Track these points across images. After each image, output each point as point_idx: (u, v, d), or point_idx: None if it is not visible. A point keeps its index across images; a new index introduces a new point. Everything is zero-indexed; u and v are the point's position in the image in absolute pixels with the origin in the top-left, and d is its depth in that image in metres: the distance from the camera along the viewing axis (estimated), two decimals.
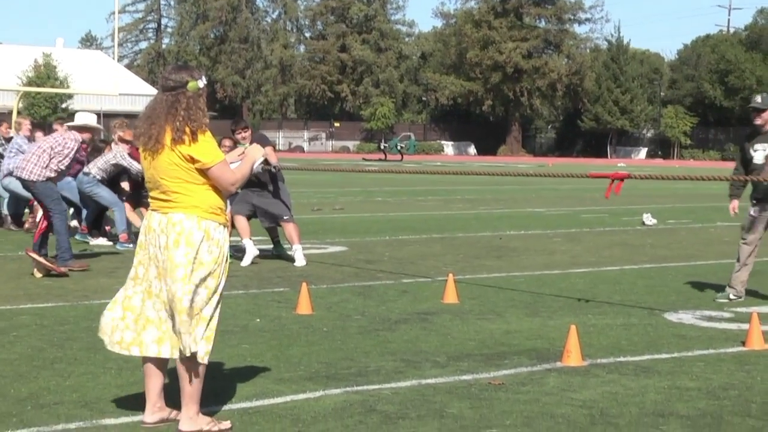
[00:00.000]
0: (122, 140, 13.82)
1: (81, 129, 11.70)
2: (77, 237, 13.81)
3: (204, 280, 5.09)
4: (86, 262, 11.44)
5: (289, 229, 12.08)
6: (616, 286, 10.62)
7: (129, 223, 13.71)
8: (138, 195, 13.79)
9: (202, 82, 5.19)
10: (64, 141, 11.35)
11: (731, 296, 9.66)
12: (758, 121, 9.51)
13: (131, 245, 13.11)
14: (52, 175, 11.21)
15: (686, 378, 6.49)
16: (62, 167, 11.32)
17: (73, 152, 11.38)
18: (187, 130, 5.04)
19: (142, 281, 5.21)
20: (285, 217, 12.11)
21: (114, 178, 13.92)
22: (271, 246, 12.84)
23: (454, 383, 6.25)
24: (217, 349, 6.51)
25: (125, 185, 13.98)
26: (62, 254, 11.11)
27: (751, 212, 9.66)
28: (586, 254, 13.54)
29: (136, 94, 75.04)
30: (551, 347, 7.33)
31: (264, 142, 11.72)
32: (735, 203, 9.87)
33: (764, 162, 9.45)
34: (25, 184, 11.34)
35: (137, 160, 13.55)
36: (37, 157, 11.23)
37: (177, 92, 5.13)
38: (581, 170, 49.83)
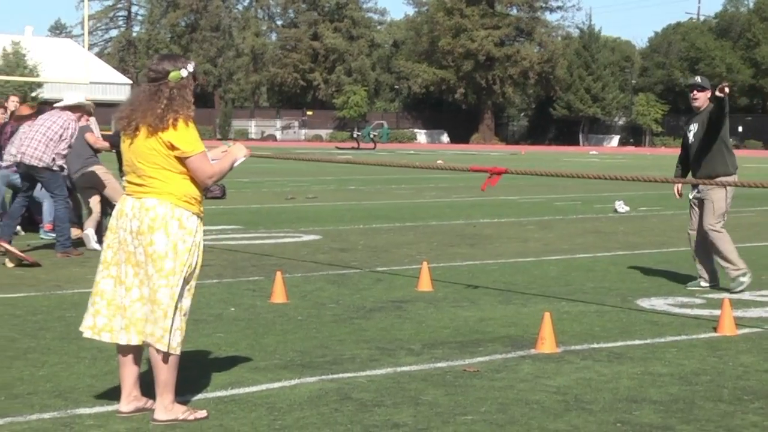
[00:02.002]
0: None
1: (74, 108, 11.73)
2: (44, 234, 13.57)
3: (181, 270, 5.09)
4: (81, 250, 11.64)
5: None
6: (589, 273, 10.67)
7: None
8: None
9: (185, 71, 5.16)
10: (64, 122, 11.41)
11: (702, 284, 9.68)
12: (696, 102, 9.63)
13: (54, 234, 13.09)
14: (61, 161, 11.37)
15: (659, 364, 6.55)
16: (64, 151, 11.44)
17: (76, 132, 11.55)
18: (169, 118, 5.04)
19: (110, 265, 5.19)
20: None
21: None
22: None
23: (428, 371, 6.27)
24: (191, 338, 6.52)
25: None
26: (64, 241, 11.36)
27: (691, 196, 9.75)
28: (559, 242, 13.59)
29: (106, 82, 74.55)
30: (525, 334, 7.36)
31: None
32: (679, 185, 10.03)
33: (694, 140, 9.57)
34: (32, 170, 11.38)
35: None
36: (37, 141, 11.28)
37: (159, 83, 5.12)
38: (553, 158, 49.92)
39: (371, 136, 64.92)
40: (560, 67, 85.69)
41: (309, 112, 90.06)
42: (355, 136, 65.36)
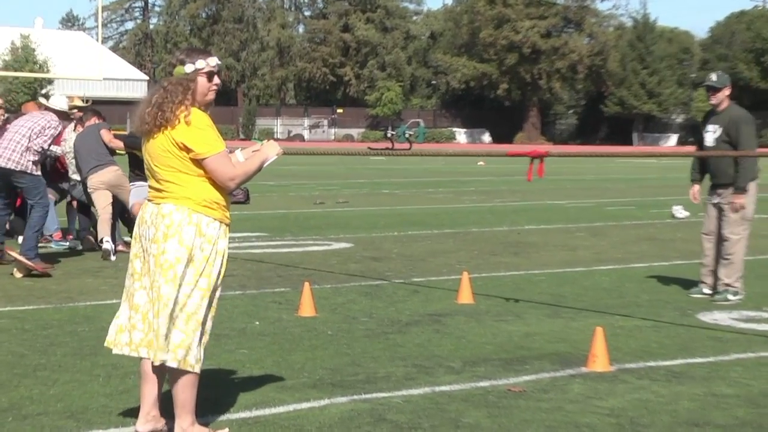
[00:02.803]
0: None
1: (59, 114, 11.60)
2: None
3: (196, 280, 5.09)
4: (51, 265, 11.29)
5: None
6: (645, 284, 10.62)
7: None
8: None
9: (191, 66, 5.18)
10: (47, 123, 11.26)
11: (705, 291, 9.83)
12: (713, 101, 9.88)
13: (68, 243, 13.08)
14: (35, 158, 11.14)
15: (723, 384, 6.49)
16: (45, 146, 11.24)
17: (56, 132, 11.35)
18: (167, 117, 5.07)
19: (141, 276, 5.20)
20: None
21: (53, 172, 13.54)
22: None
23: (470, 390, 6.25)
24: (213, 354, 6.53)
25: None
26: (27, 251, 10.91)
27: (713, 201, 9.90)
28: (612, 250, 13.53)
29: (121, 78, 75.18)
30: (575, 351, 7.33)
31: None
32: (695, 188, 10.11)
33: (714, 144, 9.72)
34: (8, 174, 11.19)
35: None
36: (16, 142, 11.14)
37: (168, 77, 5.19)
38: (604, 159, 49.72)
39: (406, 135, 64.94)
40: (612, 60, 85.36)
41: (339, 110, 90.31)
42: (389, 135, 65.39)
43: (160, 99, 5.12)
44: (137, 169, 12.01)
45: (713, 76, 9.92)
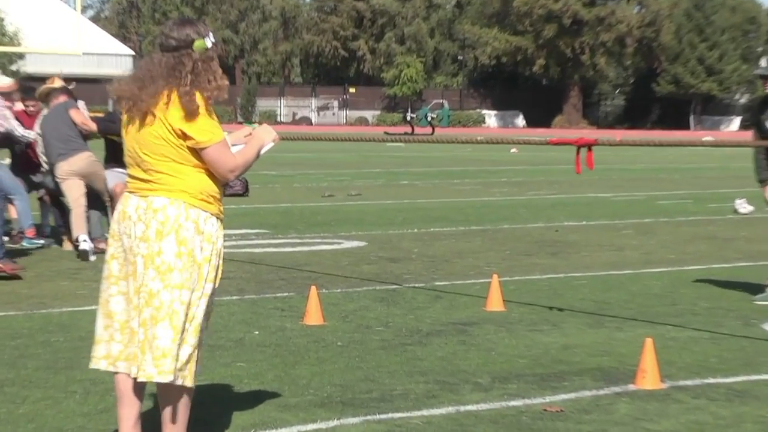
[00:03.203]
0: None
1: None
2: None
3: (202, 286, 5.09)
4: (21, 266, 11.33)
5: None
6: (702, 289, 10.60)
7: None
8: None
9: (209, 41, 5.16)
10: None
11: None
12: None
13: (42, 241, 13.12)
14: None
15: None
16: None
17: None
18: (195, 96, 5.01)
19: (119, 279, 5.19)
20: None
21: (24, 161, 13.58)
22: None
23: (499, 410, 6.25)
24: (206, 368, 6.54)
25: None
26: None
27: None
28: (664, 250, 13.52)
29: (103, 53, 75.38)
30: (621, 366, 7.32)
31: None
32: None
33: None
34: None
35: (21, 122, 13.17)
36: None
37: (180, 53, 5.10)
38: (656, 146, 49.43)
39: (428, 118, 65.05)
40: (666, 33, 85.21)
41: (351, 90, 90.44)
42: (408, 118, 65.53)
43: (194, 77, 5.05)
44: (115, 155, 11.97)
45: (763, 62, 9.93)
